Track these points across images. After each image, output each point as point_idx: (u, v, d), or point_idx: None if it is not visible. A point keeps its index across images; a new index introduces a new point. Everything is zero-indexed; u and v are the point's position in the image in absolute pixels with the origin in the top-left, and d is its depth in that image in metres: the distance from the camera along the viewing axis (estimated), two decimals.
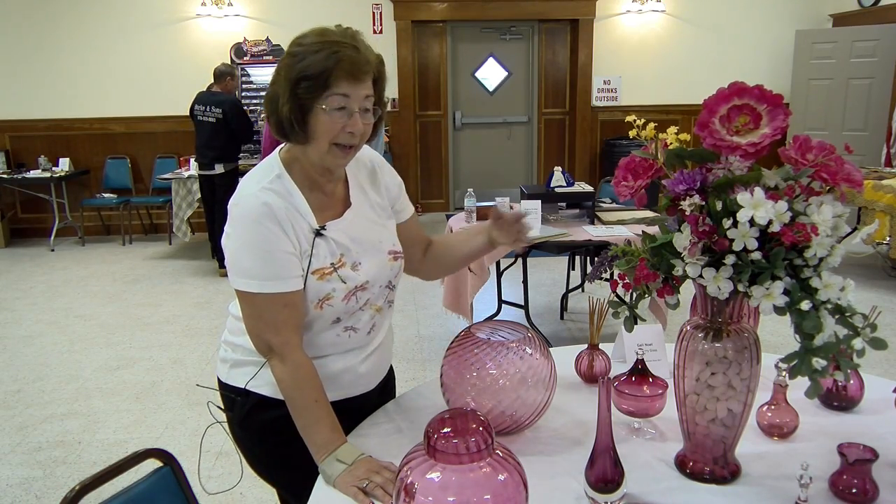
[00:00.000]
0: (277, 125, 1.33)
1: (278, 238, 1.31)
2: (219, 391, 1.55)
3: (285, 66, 1.30)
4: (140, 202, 7.44)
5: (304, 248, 1.35)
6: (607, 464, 1.14)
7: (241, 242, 1.33)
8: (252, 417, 1.46)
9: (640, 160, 1.19)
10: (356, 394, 1.50)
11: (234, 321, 1.49)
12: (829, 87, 7.30)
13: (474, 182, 7.46)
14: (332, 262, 1.38)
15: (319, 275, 1.36)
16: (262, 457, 1.52)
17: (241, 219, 1.33)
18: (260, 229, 1.31)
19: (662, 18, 7.71)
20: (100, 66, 7.27)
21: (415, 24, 7.56)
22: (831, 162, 1.06)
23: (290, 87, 1.28)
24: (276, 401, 1.40)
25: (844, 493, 1.16)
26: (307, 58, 1.27)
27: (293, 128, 1.31)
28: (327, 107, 1.29)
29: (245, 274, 1.32)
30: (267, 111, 1.36)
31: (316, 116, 1.30)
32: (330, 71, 1.27)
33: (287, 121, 1.30)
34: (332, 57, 1.27)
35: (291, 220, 1.33)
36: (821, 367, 1.01)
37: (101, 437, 3.16)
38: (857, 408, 1.50)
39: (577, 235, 3.70)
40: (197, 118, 5.73)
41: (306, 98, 1.28)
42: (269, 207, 1.31)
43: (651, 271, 1.11)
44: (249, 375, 1.44)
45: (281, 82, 1.30)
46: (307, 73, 1.27)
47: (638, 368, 1.46)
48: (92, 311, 5.01)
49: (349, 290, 1.39)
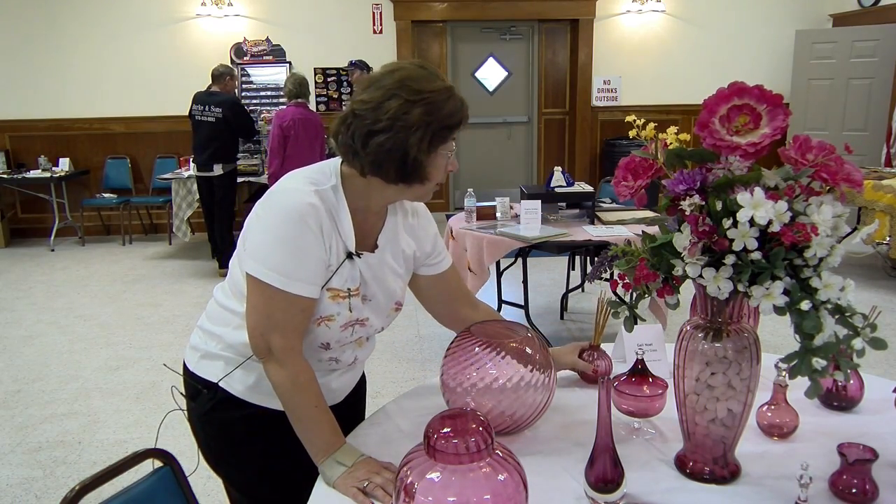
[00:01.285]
0: (400, 170, 1.29)
1: (316, 242, 1.29)
2: (183, 377, 1.52)
3: (421, 115, 1.25)
4: (140, 202, 7.44)
5: (332, 263, 1.33)
6: (607, 464, 1.14)
7: (276, 233, 1.28)
8: (215, 413, 1.45)
9: (640, 160, 1.19)
10: None
11: (218, 308, 1.46)
12: (829, 87, 7.30)
13: (474, 182, 7.46)
14: (350, 287, 1.37)
15: (334, 294, 1.35)
16: (217, 452, 1.50)
17: (284, 209, 1.28)
18: (301, 227, 1.27)
19: (662, 18, 7.72)
20: (100, 65, 7.27)
21: (415, 24, 7.56)
22: (831, 162, 1.06)
23: (431, 136, 1.27)
24: (243, 401, 1.41)
25: (844, 493, 1.16)
26: (445, 106, 1.27)
27: (416, 174, 1.30)
28: (447, 151, 1.32)
29: (272, 266, 1.27)
30: (380, 160, 1.28)
31: (436, 161, 1.31)
32: (464, 120, 1.31)
33: (415, 169, 1.29)
34: (463, 106, 1.30)
35: (331, 231, 1.32)
36: (821, 367, 1.01)
37: (101, 437, 3.16)
38: (857, 408, 1.50)
39: (576, 235, 3.70)
40: (195, 118, 5.71)
41: (438, 145, 1.29)
42: (315, 208, 1.29)
43: (651, 271, 1.11)
44: (221, 371, 1.42)
45: (415, 130, 1.25)
46: (450, 123, 1.28)
47: (638, 368, 1.46)
48: (92, 311, 5.02)
49: (351, 319, 1.39)
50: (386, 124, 1.25)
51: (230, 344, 1.41)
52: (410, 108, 1.25)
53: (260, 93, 7.34)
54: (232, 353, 1.41)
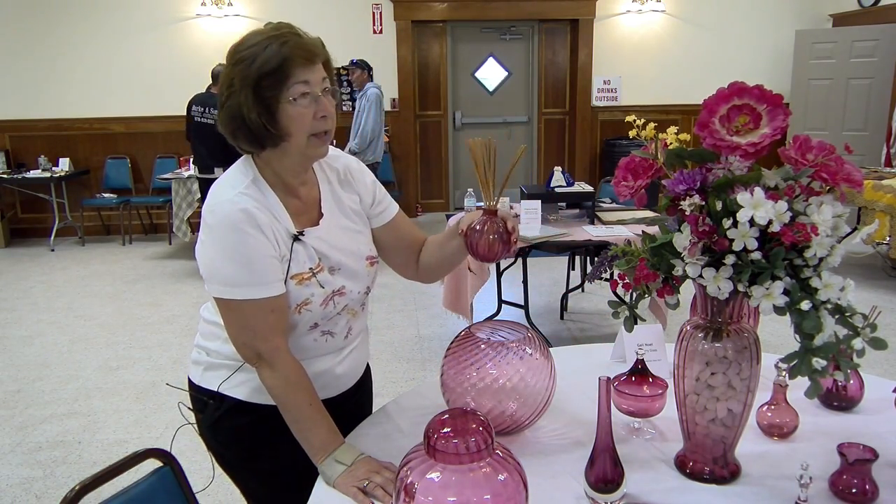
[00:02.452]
0: (249, 136, 1.30)
1: (260, 242, 1.28)
2: (189, 392, 1.53)
3: (240, 74, 1.26)
4: (140, 202, 7.44)
5: (283, 253, 1.33)
6: (607, 464, 1.14)
7: (219, 250, 1.29)
8: (224, 421, 1.45)
9: (640, 160, 1.19)
10: (334, 394, 1.49)
11: (207, 325, 1.47)
12: (829, 87, 7.30)
13: (474, 182, 7.45)
14: (311, 266, 1.36)
15: (298, 279, 1.34)
16: (231, 460, 1.51)
17: (219, 226, 1.29)
18: (240, 236, 1.27)
19: (662, 18, 7.72)
20: (100, 66, 7.27)
21: (415, 24, 7.56)
22: (831, 162, 1.06)
23: (253, 91, 1.25)
24: (250, 405, 1.40)
25: (844, 493, 1.16)
26: (259, 56, 1.25)
27: (267, 131, 1.28)
28: (293, 98, 1.26)
29: (227, 282, 1.29)
30: (230, 129, 1.31)
31: (285, 112, 1.27)
32: (286, 60, 1.25)
33: (259, 126, 1.27)
34: (284, 47, 1.25)
35: (271, 224, 1.31)
36: (821, 367, 1.01)
37: (101, 437, 3.16)
38: (857, 408, 1.50)
39: (576, 235, 3.70)
40: (195, 119, 5.67)
41: (271, 96, 1.26)
42: (248, 213, 1.28)
43: (651, 271, 1.11)
44: (223, 379, 1.43)
45: (239, 91, 1.26)
46: (266, 70, 1.24)
47: (638, 368, 1.46)
48: (92, 311, 5.01)
49: (327, 294, 1.38)
50: (226, 94, 1.29)
51: (226, 355, 1.41)
52: (231, 70, 1.27)
53: None
54: (230, 360, 1.41)
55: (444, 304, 3.87)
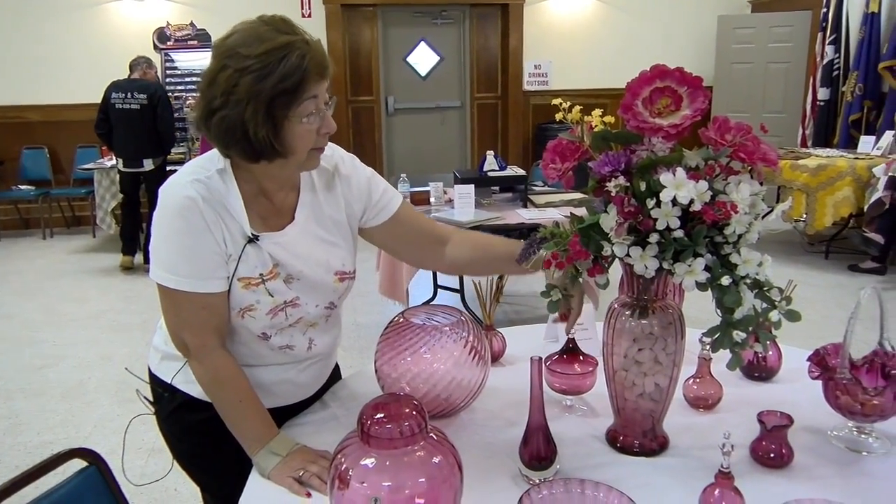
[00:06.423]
0: (247, 150, 1.19)
1: (201, 234, 1.23)
2: (148, 382, 1.48)
3: (247, 86, 1.13)
4: (61, 194, 7.11)
5: (231, 252, 1.26)
6: (540, 441, 1.16)
7: (161, 233, 1.25)
8: (177, 416, 1.42)
9: (567, 143, 1.20)
10: (295, 402, 1.47)
11: None
12: (749, 71, 7.55)
13: (408, 167, 7.43)
14: (262, 272, 1.28)
15: (245, 283, 1.28)
16: (186, 455, 1.48)
17: (165, 207, 1.25)
18: (181, 223, 1.22)
19: (591, 4, 7.82)
20: (13, 51, 6.89)
21: (344, 7, 7.44)
22: (748, 142, 1.10)
23: (266, 108, 1.14)
24: (204, 403, 1.36)
25: (764, 458, 1.22)
26: (275, 70, 1.13)
27: (271, 149, 1.18)
28: (303, 117, 1.18)
29: (165, 267, 1.25)
30: (223, 140, 1.20)
31: (291, 130, 1.18)
32: (304, 78, 1.15)
33: (263, 144, 1.17)
34: (303, 61, 1.14)
35: (221, 218, 1.25)
36: (741, 340, 1.05)
37: (24, 440, 3.03)
38: (776, 377, 1.57)
39: (509, 219, 3.74)
40: (116, 107, 5.33)
41: (281, 114, 1.16)
42: (193, 202, 1.22)
43: (583, 249, 1.13)
44: (175, 370, 1.39)
45: (245, 104, 1.14)
46: (282, 88, 1.14)
47: (569, 347, 1.49)
48: (13, 310, 4.79)
49: (276, 304, 1.30)
50: (221, 100, 1.16)
51: None
52: (239, 78, 1.14)
53: (185, 79, 7.09)
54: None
55: (379, 291, 3.85)
